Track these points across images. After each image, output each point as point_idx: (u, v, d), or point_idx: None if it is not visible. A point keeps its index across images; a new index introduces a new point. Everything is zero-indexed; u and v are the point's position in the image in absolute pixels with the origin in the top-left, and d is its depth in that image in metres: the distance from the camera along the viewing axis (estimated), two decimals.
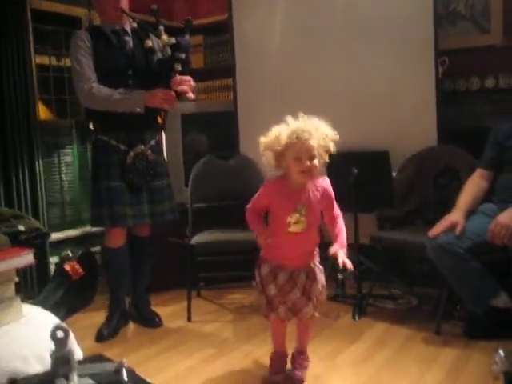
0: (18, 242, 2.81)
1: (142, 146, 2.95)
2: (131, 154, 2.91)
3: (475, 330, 2.71)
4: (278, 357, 2.44)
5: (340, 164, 3.19)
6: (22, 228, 2.94)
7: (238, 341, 2.87)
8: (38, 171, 3.39)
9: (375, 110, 3.40)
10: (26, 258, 1.87)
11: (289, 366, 2.45)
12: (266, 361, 2.53)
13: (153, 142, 3.04)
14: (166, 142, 3.83)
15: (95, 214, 2.94)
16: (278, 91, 3.61)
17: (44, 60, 3.71)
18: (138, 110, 2.88)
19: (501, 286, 2.63)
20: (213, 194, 3.50)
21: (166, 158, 3.78)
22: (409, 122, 3.36)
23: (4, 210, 3.11)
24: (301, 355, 2.44)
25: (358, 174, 3.13)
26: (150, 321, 3.16)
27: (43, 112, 3.55)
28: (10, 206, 3.24)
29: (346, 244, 2.25)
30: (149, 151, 2.97)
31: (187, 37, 2.86)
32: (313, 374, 2.43)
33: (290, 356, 2.46)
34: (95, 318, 3.17)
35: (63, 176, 3.83)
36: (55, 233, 3.49)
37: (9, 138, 3.24)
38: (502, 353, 2.34)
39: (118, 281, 3.09)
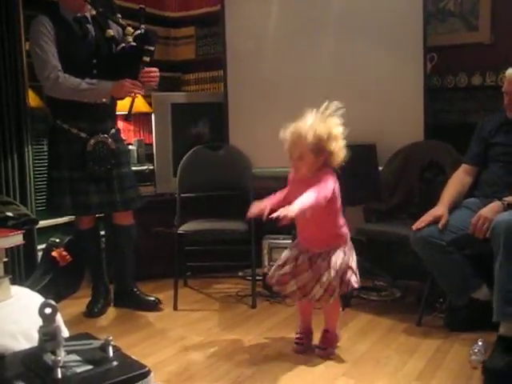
0: (6, 227, 2.81)
1: (103, 135, 2.99)
2: (91, 141, 2.95)
3: (456, 322, 2.75)
4: (303, 332, 2.62)
5: None
6: (10, 214, 2.93)
7: (224, 329, 2.90)
8: (26, 158, 3.38)
9: (364, 104, 3.42)
10: (15, 238, 1.89)
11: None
12: (251, 349, 2.58)
13: (113, 131, 3.08)
14: (155, 132, 3.86)
15: (56, 203, 2.99)
16: (268, 84, 3.63)
17: None
18: (104, 100, 2.93)
19: (482, 279, 2.68)
20: (201, 183, 3.52)
21: (154, 147, 3.83)
22: (396, 116, 3.40)
23: None
24: (325, 334, 2.57)
25: (345, 166, 3.16)
26: (149, 304, 3.21)
27: (32, 99, 3.53)
28: None
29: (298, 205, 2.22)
30: (109, 139, 3.01)
31: (143, 26, 2.87)
32: (295, 362, 2.47)
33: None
34: (81, 305, 3.21)
35: None
36: (43, 220, 3.49)
37: None
38: (480, 344, 2.41)
39: (92, 260, 3.22)
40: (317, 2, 3.51)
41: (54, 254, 3.22)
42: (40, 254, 3.35)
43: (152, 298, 3.24)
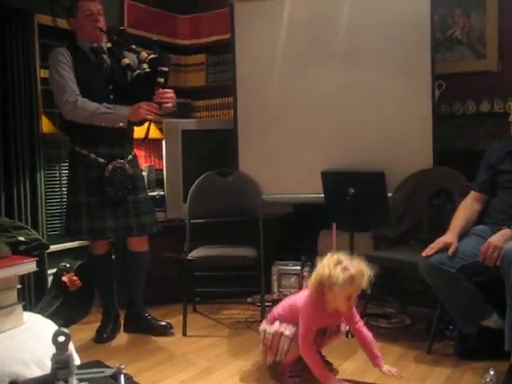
0: (17, 252, 2.84)
1: (120, 160, 3.03)
2: (109, 167, 2.99)
3: (466, 350, 2.74)
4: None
5: (337, 184, 3.28)
6: (21, 238, 2.96)
7: (232, 355, 2.89)
8: (38, 183, 3.43)
9: (373, 132, 3.46)
10: (29, 265, 1.91)
11: None
12: (259, 375, 2.58)
13: (130, 157, 3.12)
14: (166, 158, 3.89)
15: (73, 227, 3.04)
16: (277, 111, 3.67)
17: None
18: (121, 124, 2.98)
19: (492, 307, 2.66)
20: (211, 210, 3.54)
21: (165, 173, 3.87)
22: (405, 143, 3.43)
23: (4, 221, 3.13)
24: None
25: (355, 193, 3.18)
26: (161, 328, 3.22)
27: (46, 125, 3.59)
28: (11, 217, 3.27)
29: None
30: (127, 165, 3.05)
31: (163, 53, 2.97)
32: None
33: None
34: (90, 331, 3.21)
35: (63, 188, 3.86)
36: (54, 244, 3.52)
37: (12, 150, 3.27)
38: (492, 373, 2.38)
39: (104, 285, 3.24)
40: (326, 30, 3.55)
41: (64, 278, 3.24)
42: (50, 278, 3.37)
43: (163, 323, 3.25)
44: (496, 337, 2.47)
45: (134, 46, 2.98)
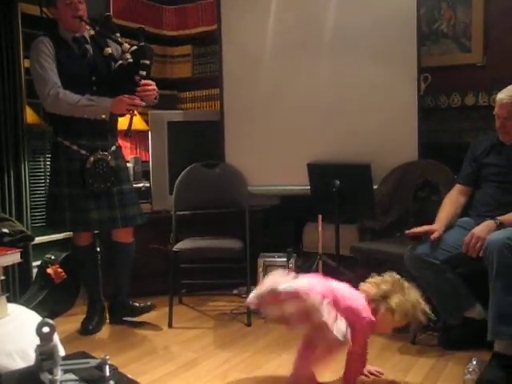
0: (1, 244, 2.82)
1: (103, 152, 3.01)
2: (91, 159, 2.97)
3: (450, 341, 2.76)
4: None
5: (323, 176, 3.28)
6: (5, 230, 2.94)
7: (218, 347, 2.90)
8: (23, 174, 3.40)
9: (359, 124, 3.48)
10: (13, 256, 1.90)
11: None
12: (245, 367, 2.58)
13: (113, 148, 3.10)
14: (152, 150, 3.88)
15: (56, 219, 3.03)
16: (264, 103, 3.67)
17: None
18: (103, 116, 2.95)
19: (476, 298, 2.69)
20: (197, 201, 3.54)
21: (151, 165, 3.85)
22: (391, 136, 3.44)
23: None
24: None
25: (341, 185, 3.19)
26: (147, 308, 3.23)
27: (30, 116, 3.55)
28: None
29: None
30: (109, 157, 3.03)
31: (142, 43, 2.93)
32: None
33: None
34: (75, 323, 3.19)
35: (48, 180, 3.83)
36: (38, 236, 3.50)
37: None
38: (475, 362, 2.41)
39: (89, 276, 3.22)
40: (312, 22, 3.55)
41: (49, 270, 3.24)
42: (35, 270, 3.35)
43: (147, 303, 3.24)
44: (479, 327, 2.50)
45: (118, 35, 2.95)
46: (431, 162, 3.28)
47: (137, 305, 3.25)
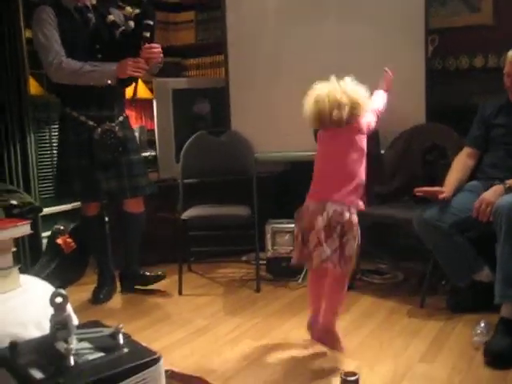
0: (11, 216, 2.83)
1: (110, 123, 2.99)
2: (98, 130, 2.96)
3: (458, 304, 2.79)
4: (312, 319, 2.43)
5: None
6: (14, 202, 2.96)
7: (228, 313, 2.93)
8: (29, 146, 3.39)
9: (366, 88, 3.42)
10: (23, 228, 1.91)
11: None
12: (255, 332, 2.62)
13: (121, 118, 3.09)
14: (157, 118, 3.86)
15: (65, 190, 3.05)
16: (270, 68, 3.62)
17: None
18: (109, 82, 2.91)
19: (484, 261, 2.70)
20: (204, 169, 3.53)
21: (156, 133, 3.84)
22: (398, 99, 3.38)
23: None
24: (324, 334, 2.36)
25: None
26: (156, 277, 3.29)
27: (34, 87, 3.53)
28: (2, 181, 3.25)
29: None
30: (117, 127, 3.02)
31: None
32: (300, 345, 2.50)
33: None
34: (87, 292, 3.24)
35: (54, 151, 3.83)
36: (47, 207, 3.52)
37: None
38: (483, 325, 2.44)
39: (97, 246, 3.25)
40: None
41: (58, 241, 3.25)
42: (45, 241, 3.38)
43: (158, 273, 3.29)
44: (487, 290, 2.51)
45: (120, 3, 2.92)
46: (439, 125, 3.25)
47: (148, 274, 3.29)
